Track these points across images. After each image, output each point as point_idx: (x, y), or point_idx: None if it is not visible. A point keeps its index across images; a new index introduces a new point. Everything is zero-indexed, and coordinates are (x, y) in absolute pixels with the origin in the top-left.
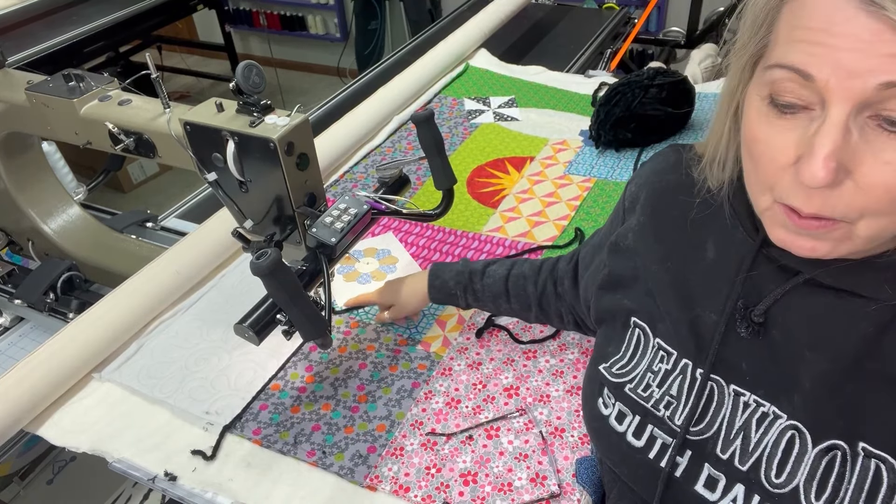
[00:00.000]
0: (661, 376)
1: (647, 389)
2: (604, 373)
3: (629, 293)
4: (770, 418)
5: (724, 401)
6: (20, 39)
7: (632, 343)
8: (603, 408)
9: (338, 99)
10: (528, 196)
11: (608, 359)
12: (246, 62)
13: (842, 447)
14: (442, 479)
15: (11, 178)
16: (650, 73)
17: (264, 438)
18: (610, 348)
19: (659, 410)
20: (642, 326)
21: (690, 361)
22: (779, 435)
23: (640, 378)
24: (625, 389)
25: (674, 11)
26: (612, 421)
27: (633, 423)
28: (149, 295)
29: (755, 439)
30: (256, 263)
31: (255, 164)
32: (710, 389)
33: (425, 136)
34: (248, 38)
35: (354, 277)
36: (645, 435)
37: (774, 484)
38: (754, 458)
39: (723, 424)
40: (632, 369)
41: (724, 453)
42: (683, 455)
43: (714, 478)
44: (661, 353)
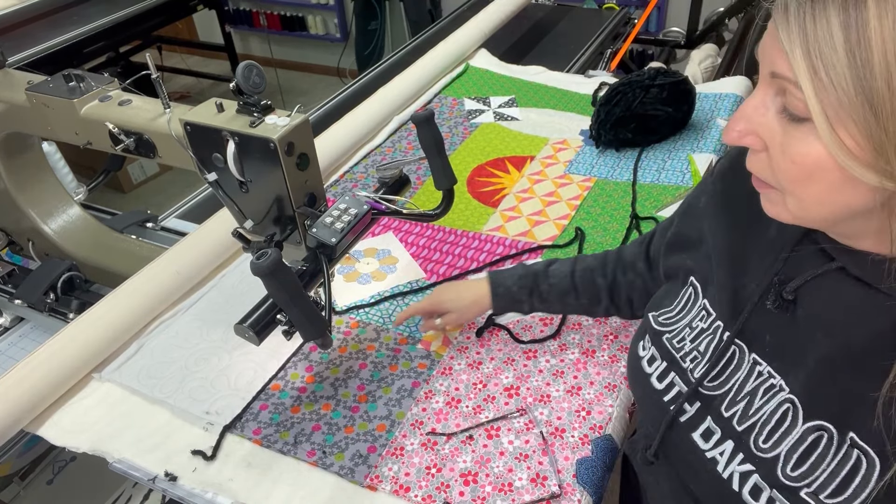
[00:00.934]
0: (696, 333)
1: (681, 342)
2: (650, 319)
3: (692, 254)
4: (775, 389)
5: (742, 365)
6: (20, 39)
7: (683, 298)
8: (641, 350)
9: (338, 99)
10: (528, 195)
11: (659, 308)
12: (246, 62)
13: (829, 430)
14: (442, 479)
15: (11, 178)
16: (651, 73)
17: (264, 438)
18: (665, 300)
19: (685, 362)
20: (695, 286)
21: (722, 324)
22: (777, 406)
23: (679, 331)
24: (662, 338)
25: (674, 11)
26: (644, 363)
27: (659, 367)
28: (149, 295)
29: (756, 405)
30: (256, 263)
31: (256, 165)
32: (731, 352)
33: (425, 136)
34: (248, 39)
35: (354, 277)
36: (666, 380)
37: (760, 448)
38: (751, 421)
39: (734, 386)
40: (675, 322)
41: (727, 412)
42: (693, 405)
43: (711, 430)
44: (703, 312)
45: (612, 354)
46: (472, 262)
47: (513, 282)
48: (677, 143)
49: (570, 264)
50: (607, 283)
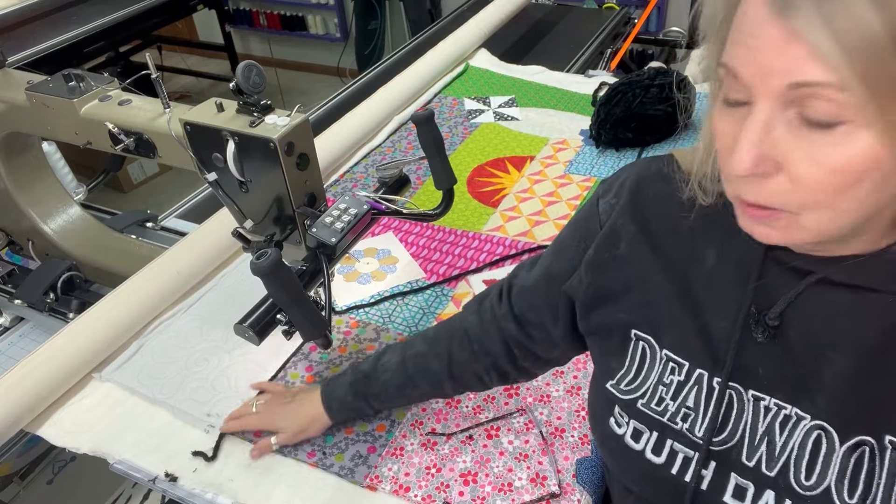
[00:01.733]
0: (675, 388)
1: (660, 403)
2: (612, 390)
3: (622, 305)
4: (793, 420)
5: (745, 407)
6: (20, 39)
7: (636, 356)
8: (616, 427)
9: (338, 99)
10: (528, 195)
11: (613, 375)
12: (246, 62)
13: (869, 443)
14: (442, 479)
15: (11, 178)
16: (650, 73)
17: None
18: (612, 364)
19: (676, 424)
20: (646, 339)
21: (706, 371)
22: (804, 436)
23: (652, 392)
24: (637, 405)
25: (674, 11)
26: (629, 440)
27: (650, 439)
28: (149, 295)
29: (780, 443)
30: (256, 263)
31: (256, 164)
32: (729, 398)
33: (425, 136)
34: (248, 38)
35: (354, 277)
36: (665, 450)
37: (805, 486)
38: (781, 462)
39: (746, 431)
40: (641, 384)
41: (750, 461)
42: (708, 467)
43: (742, 486)
44: (671, 364)
45: None
46: (472, 262)
47: (344, 391)
48: (677, 144)
49: (399, 352)
50: (444, 364)
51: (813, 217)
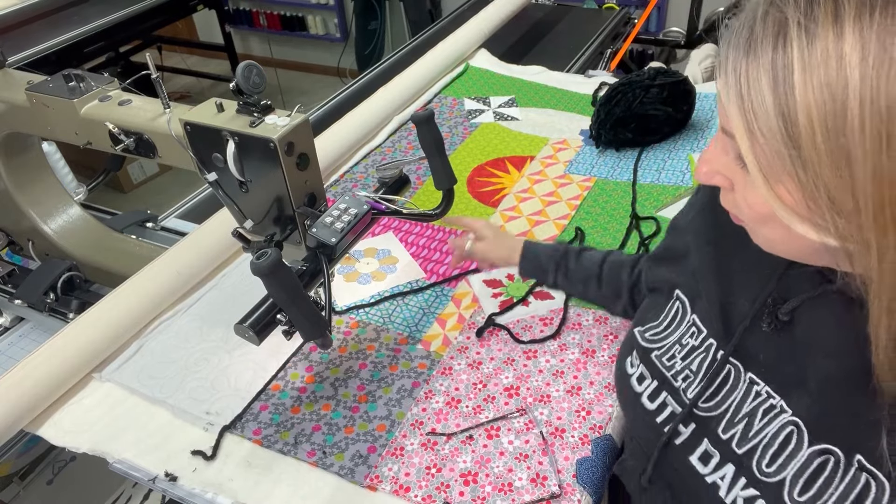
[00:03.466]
0: (687, 350)
1: (671, 360)
2: (637, 336)
3: (678, 268)
4: (776, 411)
5: (738, 385)
6: (20, 39)
7: (670, 313)
8: (629, 367)
9: (338, 99)
10: (528, 195)
11: (645, 323)
12: (246, 62)
13: (836, 454)
14: (442, 479)
15: (11, 178)
16: (651, 73)
17: (265, 438)
18: (650, 314)
19: (676, 381)
20: (683, 300)
21: (715, 342)
22: (780, 428)
23: (668, 348)
24: (651, 355)
25: (674, 11)
26: (634, 381)
27: (650, 386)
28: (149, 295)
29: (757, 427)
30: (256, 263)
31: (256, 164)
32: (727, 372)
33: (425, 136)
34: (248, 38)
35: (354, 277)
36: (658, 400)
37: (764, 472)
38: (752, 444)
39: (731, 407)
40: (664, 338)
41: (725, 434)
42: (687, 426)
43: (709, 453)
44: (693, 328)
45: (612, 354)
46: (472, 262)
47: (543, 251)
48: (677, 143)
49: (603, 254)
50: (630, 282)
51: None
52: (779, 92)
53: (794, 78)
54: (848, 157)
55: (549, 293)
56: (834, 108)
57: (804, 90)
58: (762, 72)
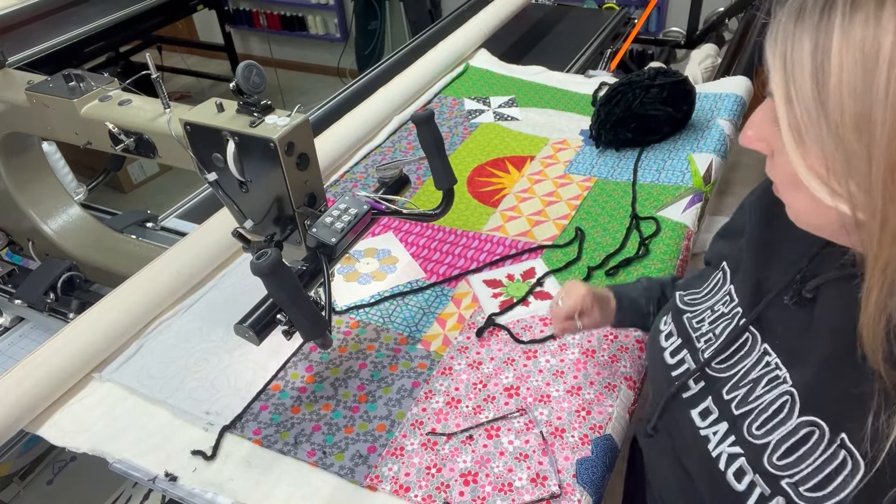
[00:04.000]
0: (717, 316)
1: (700, 323)
2: (677, 298)
3: (732, 243)
4: (779, 381)
5: (753, 353)
6: (20, 39)
7: (713, 281)
8: (662, 325)
9: (338, 99)
10: (528, 195)
11: (688, 288)
12: (246, 62)
13: (822, 428)
14: (442, 479)
15: (11, 178)
16: (651, 73)
17: (265, 438)
18: (696, 281)
19: (699, 342)
20: (725, 271)
21: (741, 310)
22: (777, 396)
23: (700, 312)
24: (683, 317)
25: (674, 11)
26: (662, 337)
27: (674, 343)
28: (149, 295)
29: (757, 393)
30: (256, 263)
31: (256, 164)
32: (745, 339)
33: (425, 136)
34: (248, 38)
35: (354, 277)
36: (678, 356)
37: (752, 434)
38: (748, 407)
39: (740, 371)
40: (699, 303)
41: (728, 395)
42: (697, 383)
43: (710, 410)
44: (727, 297)
45: (612, 354)
46: (472, 261)
47: (638, 293)
48: (677, 143)
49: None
50: None
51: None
52: (816, 56)
53: (832, 42)
54: (869, 121)
55: (550, 293)
56: (864, 72)
57: (839, 54)
58: (805, 36)
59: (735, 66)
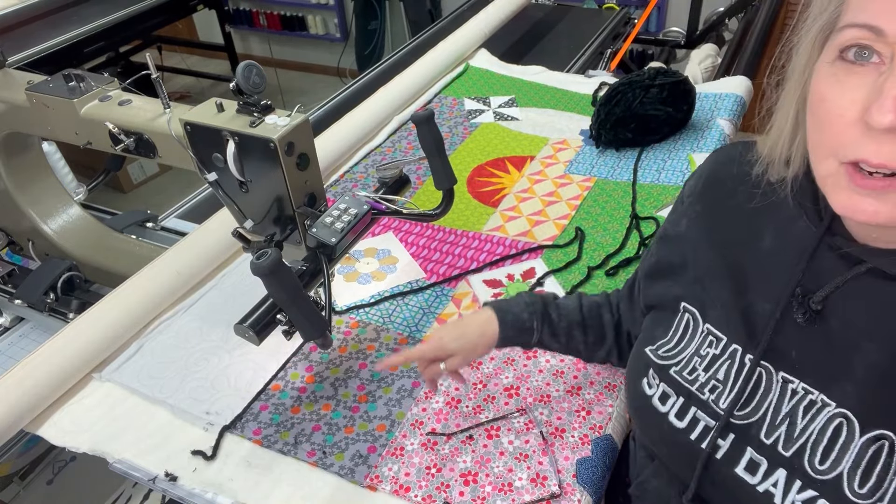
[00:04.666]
0: (709, 361)
1: (692, 373)
2: (650, 355)
3: (678, 280)
4: (818, 406)
5: (772, 387)
6: (20, 39)
7: (680, 327)
8: (647, 388)
9: (338, 99)
10: (528, 195)
11: (655, 342)
12: (246, 62)
13: (890, 438)
14: (442, 479)
15: (11, 178)
16: (651, 73)
17: (265, 438)
18: (657, 332)
19: (704, 394)
20: (692, 311)
21: (740, 347)
22: (826, 422)
23: (687, 361)
24: (670, 371)
25: (674, 11)
26: (656, 401)
27: (676, 404)
28: (149, 295)
29: (801, 426)
30: (256, 263)
31: (256, 164)
32: (758, 375)
33: (425, 136)
34: (248, 38)
35: (354, 277)
36: (688, 416)
37: (818, 470)
38: (799, 444)
39: (769, 410)
40: (679, 353)
41: (768, 438)
42: (726, 438)
43: (756, 461)
44: (710, 338)
45: None
46: (471, 261)
47: (520, 308)
48: (677, 143)
49: (576, 298)
50: (614, 320)
51: None
52: None
53: None
54: None
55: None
56: None
57: None
58: None
59: (735, 66)
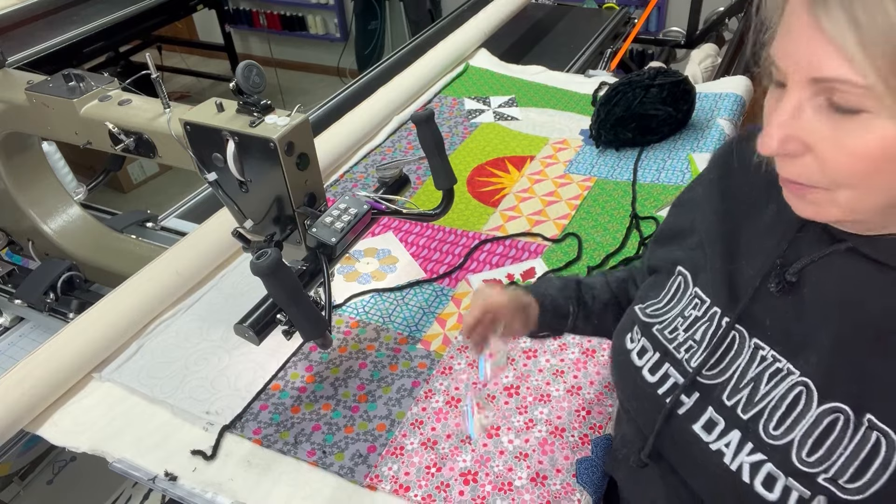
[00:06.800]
0: (690, 322)
1: (673, 332)
2: (637, 312)
3: (682, 244)
4: (783, 374)
5: (743, 351)
6: (20, 39)
7: (671, 289)
8: (629, 343)
9: (338, 99)
10: (528, 195)
11: (645, 301)
12: (246, 62)
13: (846, 412)
14: (442, 479)
15: (11, 178)
16: (651, 72)
17: (264, 438)
18: (651, 293)
19: (679, 352)
20: (685, 275)
21: (720, 310)
22: (787, 390)
23: (671, 321)
24: (653, 329)
25: (674, 11)
26: (634, 356)
27: (651, 359)
28: (149, 295)
29: (763, 391)
30: (256, 263)
31: (256, 164)
32: (731, 338)
33: (425, 135)
34: (248, 38)
35: (354, 277)
36: (660, 372)
37: (771, 435)
38: (758, 408)
39: (735, 373)
40: (665, 313)
41: (730, 400)
42: (690, 396)
43: (714, 421)
44: (696, 300)
45: None
46: (472, 261)
47: (556, 292)
48: (677, 143)
49: (602, 277)
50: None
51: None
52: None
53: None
54: None
55: None
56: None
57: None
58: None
59: (735, 66)
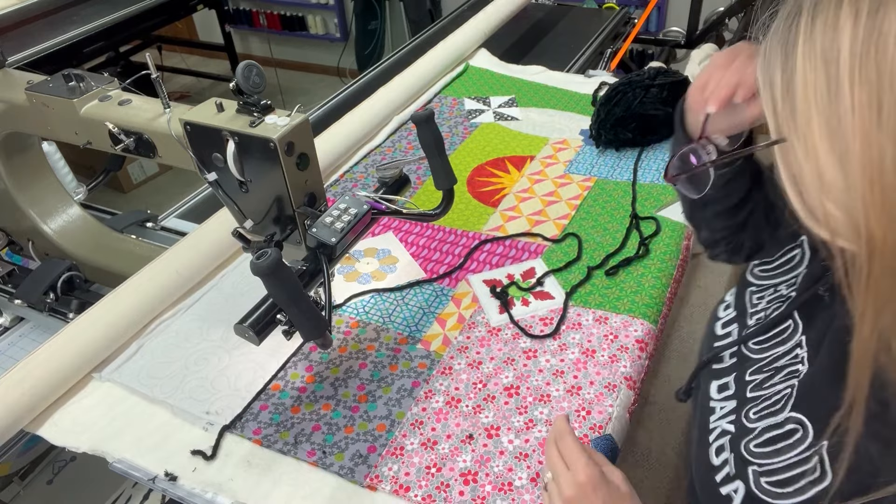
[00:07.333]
0: (775, 297)
1: (759, 299)
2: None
3: None
4: (794, 375)
5: (788, 342)
6: (20, 39)
7: (786, 257)
8: (728, 295)
9: (338, 99)
10: (528, 195)
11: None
12: (246, 62)
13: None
14: (442, 479)
15: (11, 178)
16: (651, 72)
17: (264, 438)
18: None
19: (750, 319)
20: (805, 251)
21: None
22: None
23: (763, 290)
24: (747, 290)
25: (674, 11)
26: (721, 307)
27: (728, 315)
28: (149, 295)
29: (774, 381)
30: (256, 263)
31: (256, 164)
32: (786, 325)
33: (425, 135)
34: (248, 38)
35: (354, 277)
36: (728, 328)
37: (748, 418)
38: (758, 393)
39: (770, 357)
40: (767, 278)
41: (749, 377)
42: (731, 358)
43: (727, 386)
44: (794, 280)
45: (612, 354)
46: (472, 261)
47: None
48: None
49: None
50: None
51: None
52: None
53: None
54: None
55: (549, 293)
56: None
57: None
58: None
59: None
